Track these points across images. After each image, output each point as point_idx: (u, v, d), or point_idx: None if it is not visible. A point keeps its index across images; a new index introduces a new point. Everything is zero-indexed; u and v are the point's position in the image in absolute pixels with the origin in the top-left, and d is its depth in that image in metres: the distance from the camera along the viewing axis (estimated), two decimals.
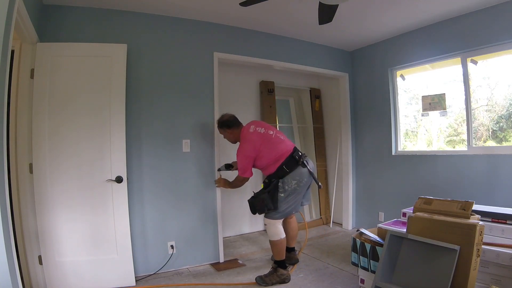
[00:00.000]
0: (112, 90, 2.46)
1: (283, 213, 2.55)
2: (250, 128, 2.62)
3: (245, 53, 3.27)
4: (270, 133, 2.62)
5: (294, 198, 2.54)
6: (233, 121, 2.72)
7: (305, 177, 2.53)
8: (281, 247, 2.54)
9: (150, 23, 2.80)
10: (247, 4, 2.01)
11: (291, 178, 2.49)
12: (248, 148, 2.55)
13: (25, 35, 2.13)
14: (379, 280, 1.83)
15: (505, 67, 2.80)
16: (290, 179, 2.49)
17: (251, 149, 2.54)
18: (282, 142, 2.62)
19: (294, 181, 2.49)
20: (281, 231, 2.56)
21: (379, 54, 3.78)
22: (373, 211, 3.85)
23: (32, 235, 2.27)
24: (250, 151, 2.54)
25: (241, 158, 2.58)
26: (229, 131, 2.72)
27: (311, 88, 4.45)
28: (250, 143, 2.55)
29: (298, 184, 2.51)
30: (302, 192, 2.59)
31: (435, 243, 1.73)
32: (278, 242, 2.53)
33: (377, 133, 3.83)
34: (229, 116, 2.75)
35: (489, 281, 1.81)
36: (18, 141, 2.26)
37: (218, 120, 2.79)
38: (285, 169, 2.50)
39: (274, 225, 2.54)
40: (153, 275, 2.68)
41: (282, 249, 2.55)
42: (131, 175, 2.60)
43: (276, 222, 2.55)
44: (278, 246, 2.53)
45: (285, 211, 2.55)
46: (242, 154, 2.57)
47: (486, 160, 2.82)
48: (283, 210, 2.53)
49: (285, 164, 2.51)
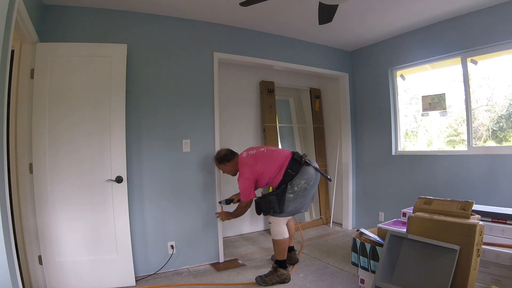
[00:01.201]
0: (112, 90, 2.46)
1: (290, 212, 2.58)
2: (243, 154, 2.75)
3: (245, 53, 3.27)
4: (262, 150, 2.73)
5: (303, 197, 2.57)
6: (230, 154, 2.80)
7: (312, 175, 2.57)
8: (284, 246, 2.56)
9: (150, 23, 2.80)
10: (247, 4, 2.01)
11: (300, 178, 2.53)
12: (246, 171, 2.62)
13: (25, 35, 2.13)
14: (379, 280, 1.83)
15: (505, 67, 2.80)
16: (298, 180, 2.53)
17: (249, 171, 2.61)
18: (275, 151, 2.70)
19: (303, 180, 2.53)
20: (285, 231, 2.58)
21: (379, 54, 3.78)
22: (373, 211, 3.85)
23: (32, 235, 2.27)
24: (249, 173, 2.61)
25: (242, 182, 2.62)
26: (229, 164, 2.78)
27: (311, 88, 4.45)
28: (247, 167, 2.63)
29: (308, 183, 2.54)
30: (312, 190, 2.63)
31: (435, 243, 1.72)
32: (282, 242, 2.55)
33: (377, 133, 3.83)
34: (226, 150, 2.83)
35: (489, 281, 1.81)
36: (18, 141, 2.26)
37: (216, 157, 2.84)
38: (291, 172, 2.54)
39: (279, 224, 2.56)
40: (153, 275, 2.68)
41: (284, 249, 2.57)
42: (131, 175, 2.60)
43: (281, 221, 2.57)
44: (281, 245, 2.55)
45: (292, 211, 2.58)
46: (242, 177, 2.63)
47: (486, 160, 2.82)
48: (290, 210, 2.55)
49: (289, 168, 2.55)
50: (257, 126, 4.10)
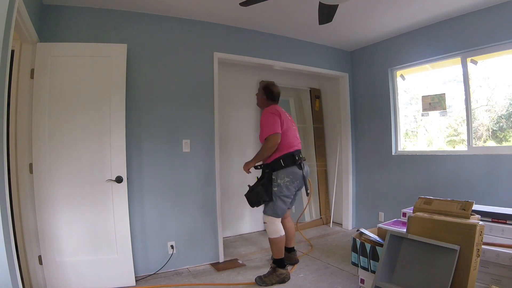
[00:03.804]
0: (112, 90, 2.46)
1: (280, 208, 2.55)
2: (278, 109, 2.67)
3: (245, 53, 3.27)
4: (290, 125, 2.69)
5: (286, 194, 2.55)
6: (271, 94, 2.79)
7: (298, 179, 2.57)
8: (281, 245, 2.56)
9: (150, 23, 2.80)
10: (247, 4, 2.01)
11: (285, 174, 2.52)
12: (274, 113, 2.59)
13: (25, 35, 2.13)
14: (379, 280, 1.83)
15: (505, 67, 2.80)
16: (283, 174, 2.52)
17: (277, 115, 2.57)
18: (294, 137, 2.67)
19: (288, 178, 2.52)
20: (280, 229, 2.57)
21: (379, 54, 3.78)
22: (373, 211, 3.85)
23: (32, 235, 2.27)
24: (276, 115, 2.57)
25: (267, 117, 2.56)
26: (263, 98, 2.79)
27: (311, 88, 4.45)
28: (277, 113, 2.59)
29: (291, 182, 2.53)
30: (293, 192, 2.60)
31: (435, 243, 1.72)
32: (278, 240, 2.55)
33: (377, 133, 3.83)
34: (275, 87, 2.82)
35: (489, 281, 1.81)
36: (18, 141, 2.26)
37: (265, 85, 2.82)
38: (281, 163, 2.52)
39: (274, 223, 2.55)
40: (153, 275, 2.68)
41: (281, 247, 2.57)
42: (131, 175, 2.60)
43: (276, 220, 2.56)
44: (278, 244, 2.55)
45: (281, 207, 2.56)
46: (268, 113, 2.58)
47: (486, 160, 2.82)
48: (278, 206, 2.54)
49: (283, 158, 2.53)
50: (257, 126, 4.08)
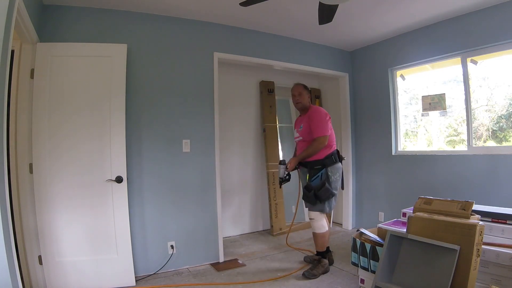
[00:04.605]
0: (112, 90, 2.46)
1: (332, 204, 2.64)
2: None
3: (245, 53, 3.27)
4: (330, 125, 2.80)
5: (337, 188, 2.64)
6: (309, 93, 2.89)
7: (341, 175, 2.69)
8: (326, 239, 2.71)
9: (150, 23, 2.80)
10: (247, 4, 2.01)
11: (336, 170, 2.63)
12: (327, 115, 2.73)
13: (25, 35, 2.13)
14: (379, 280, 1.83)
15: (505, 67, 2.80)
16: (335, 170, 2.62)
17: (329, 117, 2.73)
18: (334, 135, 2.79)
19: (338, 173, 2.63)
20: (326, 224, 2.70)
21: (379, 54, 3.78)
22: (373, 211, 3.85)
23: (32, 235, 2.27)
24: (328, 117, 2.72)
25: (322, 117, 2.67)
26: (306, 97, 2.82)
27: (311, 88, 4.44)
28: (328, 115, 2.74)
29: (338, 179, 2.64)
30: (337, 188, 2.68)
31: (435, 243, 1.72)
32: (324, 234, 2.69)
33: (377, 133, 3.83)
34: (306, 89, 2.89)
35: (489, 281, 1.81)
36: (18, 141, 2.26)
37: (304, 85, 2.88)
38: (333, 159, 2.63)
39: (322, 218, 2.66)
40: (153, 275, 2.68)
41: (326, 241, 2.72)
42: (131, 175, 2.60)
43: (322, 216, 2.67)
44: (324, 237, 2.70)
45: (333, 202, 2.64)
46: (323, 113, 2.70)
47: (486, 160, 2.82)
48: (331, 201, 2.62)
49: (334, 155, 2.65)
50: (257, 126, 4.11)
